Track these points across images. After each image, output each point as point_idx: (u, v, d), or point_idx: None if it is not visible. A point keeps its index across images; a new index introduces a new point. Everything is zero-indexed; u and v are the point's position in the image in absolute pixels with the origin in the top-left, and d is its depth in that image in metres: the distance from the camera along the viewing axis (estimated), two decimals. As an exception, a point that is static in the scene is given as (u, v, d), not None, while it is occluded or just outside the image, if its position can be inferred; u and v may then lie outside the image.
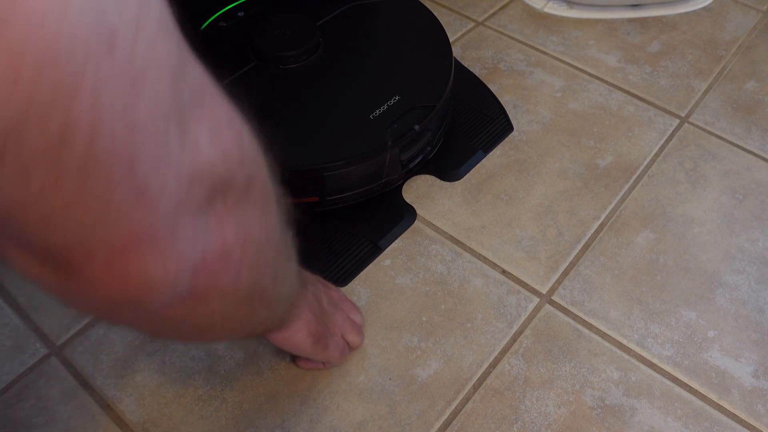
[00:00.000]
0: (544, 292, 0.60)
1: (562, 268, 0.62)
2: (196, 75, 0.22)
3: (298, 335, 0.43)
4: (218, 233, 0.22)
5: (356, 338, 0.53)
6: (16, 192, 0.17)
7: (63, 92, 0.16)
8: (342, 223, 0.64)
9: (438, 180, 0.69)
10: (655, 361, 0.56)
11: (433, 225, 0.65)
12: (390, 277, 0.61)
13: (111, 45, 0.17)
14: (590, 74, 0.80)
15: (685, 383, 0.55)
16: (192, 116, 0.21)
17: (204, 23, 0.67)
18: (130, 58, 0.17)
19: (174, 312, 0.22)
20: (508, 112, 0.75)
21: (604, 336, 0.57)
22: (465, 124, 0.73)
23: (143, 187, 0.18)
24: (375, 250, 0.62)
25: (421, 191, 0.68)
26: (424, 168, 0.68)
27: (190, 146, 0.20)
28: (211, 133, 0.22)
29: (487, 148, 0.71)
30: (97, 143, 0.17)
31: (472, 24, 0.87)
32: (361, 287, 0.60)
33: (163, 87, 0.19)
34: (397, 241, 0.63)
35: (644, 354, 0.56)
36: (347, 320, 0.52)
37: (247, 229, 0.24)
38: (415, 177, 0.68)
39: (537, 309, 0.59)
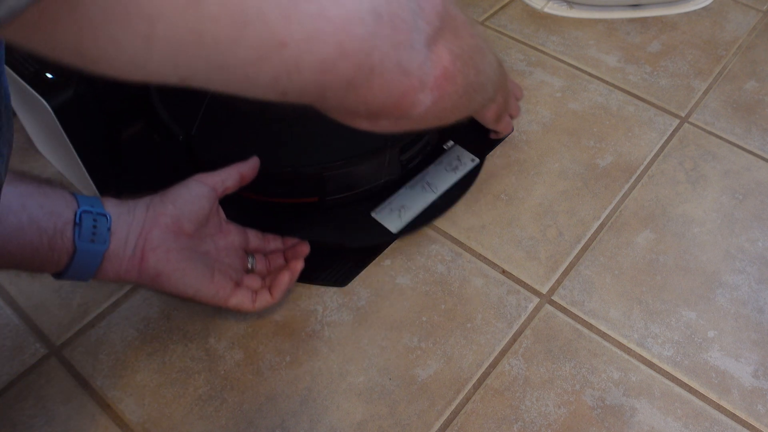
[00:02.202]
0: (544, 292, 0.60)
1: (562, 268, 0.62)
2: None
3: (488, 113, 0.63)
4: (439, 63, 0.36)
5: (516, 112, 0.71)
6: (366, 97, 0.33)
7: (365, 51, 0.29)
8: (342, 223, 0.64)
9: (438, 180, 0.69)
10: (655, 361, 0.56)
11: (433, 225, 0.65)
12: (390, 277, 0.61)
13: (379, 17, 0.29)
14: (590, 74, 0.80)
15: (685, 383, 0.55)
16: (419, 15, 0.33)
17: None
18: (389, 17, 0.30)
19: (427, 113, 0.37)
20: (508, 112, 0.75)
21: (604, 336, 0.57)
22: (465, 124, 0.73)
23: (405, 70, 0.33)
24: (375, 250, 0.62)
25: (421, 191, 0.68)
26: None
27: (421, 35, 0.34)
28: (428, 14, 0.34)
29: (487, 148, 0.71)
30: (384, 63, 0.31)
31: (472, 24, 0.87)
32: (361, 287, 0.60)
33: (406, 15, 0.31)
34: (397, 241, 0.63)
35: (644, 354, 0.56)
36: (514, 100, 0.71)
37: (453, 51, 0.37)
38: (415, 177, 0.68)
39: (537, 309, 0.59)
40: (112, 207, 0.49)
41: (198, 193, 0.52)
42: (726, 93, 0.79)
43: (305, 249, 0.58)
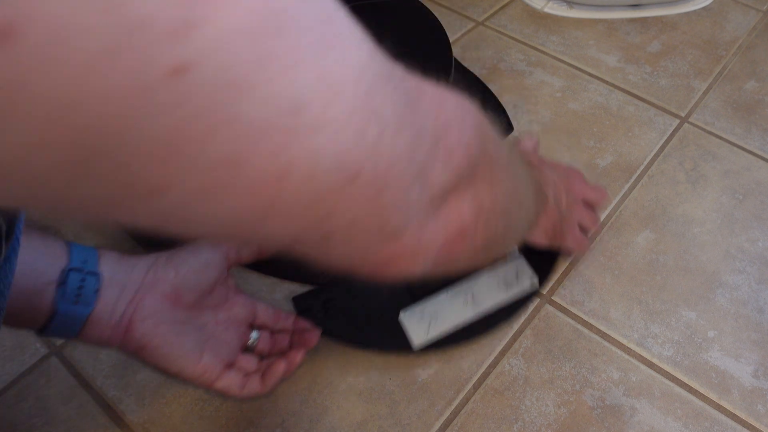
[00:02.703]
0: (544, 292, 0.60)
1: (562, 268, 0.62)
2: (427, 124, 0.25)
3: (535, 238, 0.54)
4: (455, 220, 0.27)
5: (591, 224, 0.60)
6: (325, 256, 0.25)
7: (317, 215, 0.21)
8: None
9: (438, 180, 0.68)
10: (655, 361, 0.56)
11: (433, 225, 0.65)
12: (390, 277, 0.61)
13: (352, 176, 0.20)
14: (590, 74, 0.80)
15: (685, 383, 0.55)
16: (428, 166, 0.24)
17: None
18: (373, 176, 0.21)
19: (424, 274, 0.28)
20: (508, 112, 0.75)
21: (604, 336, 0.57)
22: None
23: (391, 234, 0.24)
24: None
25: (421, 191, 0.67)
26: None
27: (428, 190, 0.25)
28: (454, 159, 0.26)
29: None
30: (355, 228, 0.23)
31: (472, 24, 0.87)
32: (361, 287, 0.60)
33: (405, 167, 0.23)
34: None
35: (644, 354, 0.56)
36: (583, 210, 0.59)
37: (480, 203, 0.29)
38: (415, 177, 0.68)
39: (537, 309, 0.59)
40: (109, 264, 0.46)
41: (206, 260, 0.48)
42: (726, 93, 0.79)
43: (313, 339, 0.52)
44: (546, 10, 0.89)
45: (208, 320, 0.49)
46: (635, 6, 0.88)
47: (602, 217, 0.66)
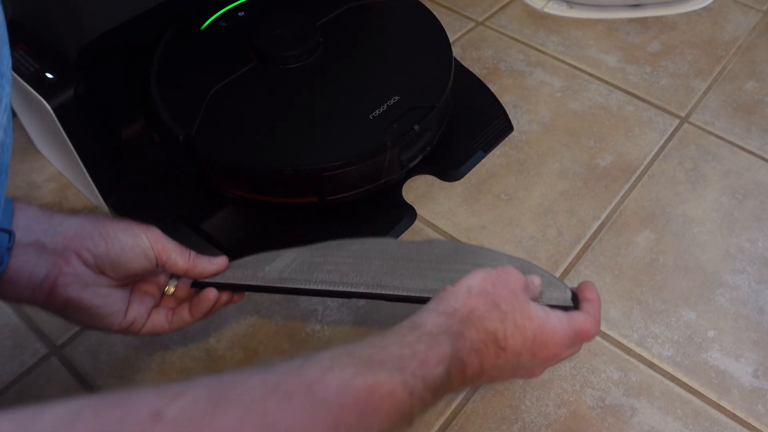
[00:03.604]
0: (544, 292, 0.60)
1: (562, 268, 0.62)
2: None
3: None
4: None
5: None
6: None
7: None
8: (342, 223, 0.64)
9: (438, 180, 0.69)
10: (655, 361, 0.56)
11: (433, 225, 0.65)
12: (390, 277, 0.61)
13: None
14: (590, 74, 0.80)
15: (685, 383, 0.55)
16: None
17: (204, 23, 0.67)
18: None
19: None
20: (508, 112, 0.75)
21: (604, 336, 0.57)
22: (465, 124, 0.73)
23: None
24: None
25: (421, 191, 0.68)
26: (424, 168, 0.68)
27: None
28: None
29: (487, 148, 0.71)
30: None
31: (472, 24, 0.87)
32: (361, 287, 0.60)
33: None
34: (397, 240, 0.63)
35: (644, 354, 0.56)
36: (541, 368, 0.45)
37: None
38: (415, 177, 0.68)
39: (537, 309, 0.59)
40: (27, 219, 0.42)
41: (140, 252, 0.45)
42: (726, 93, 0.79)
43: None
44: (546, 10, 0.89)
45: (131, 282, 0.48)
46: (635, 6, 0.88)
47: (602, 217, 0.66)
